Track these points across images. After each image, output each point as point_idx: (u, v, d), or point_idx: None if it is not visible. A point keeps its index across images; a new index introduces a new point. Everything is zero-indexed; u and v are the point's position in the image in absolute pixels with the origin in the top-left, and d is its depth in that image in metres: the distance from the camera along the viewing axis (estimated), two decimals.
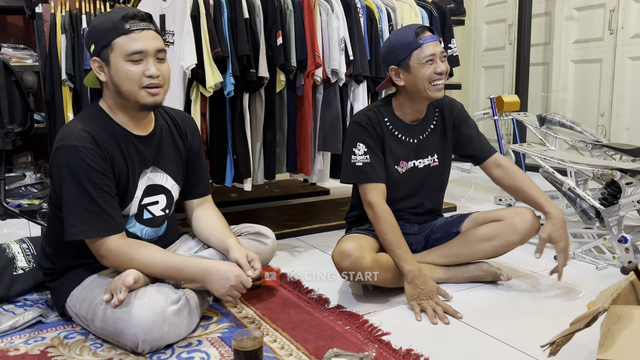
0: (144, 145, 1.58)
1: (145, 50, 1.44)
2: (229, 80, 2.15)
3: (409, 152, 1.90)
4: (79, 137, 1.45)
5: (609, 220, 2.08)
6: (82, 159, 1.43)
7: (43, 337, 1.52)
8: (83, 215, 1.43)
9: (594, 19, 4.15)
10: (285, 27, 2.25)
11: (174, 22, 2.15)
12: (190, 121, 1.76)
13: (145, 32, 1.45)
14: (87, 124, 1.49)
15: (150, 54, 1.46)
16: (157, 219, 1.64)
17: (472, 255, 1.87)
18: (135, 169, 1.56)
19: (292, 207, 3.25)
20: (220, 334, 1.52)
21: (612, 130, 4.08)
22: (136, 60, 1.45)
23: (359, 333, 1.52)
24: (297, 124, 2.43)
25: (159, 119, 1.65)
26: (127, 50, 1.43)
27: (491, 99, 4.21)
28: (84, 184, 1.43)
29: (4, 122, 2.30)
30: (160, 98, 1.51)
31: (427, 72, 1.76)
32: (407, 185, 1.92)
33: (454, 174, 4.38)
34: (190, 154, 1.72)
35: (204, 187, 1.78)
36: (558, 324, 1.58)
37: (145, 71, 1.45)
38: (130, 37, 1.43)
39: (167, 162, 1.64)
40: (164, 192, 1.64)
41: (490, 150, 1.95)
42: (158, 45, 1.47)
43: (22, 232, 2.67)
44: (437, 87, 1.79)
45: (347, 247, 1.70)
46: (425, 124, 1.92)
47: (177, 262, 1.50)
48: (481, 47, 5.14)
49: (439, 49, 1.77)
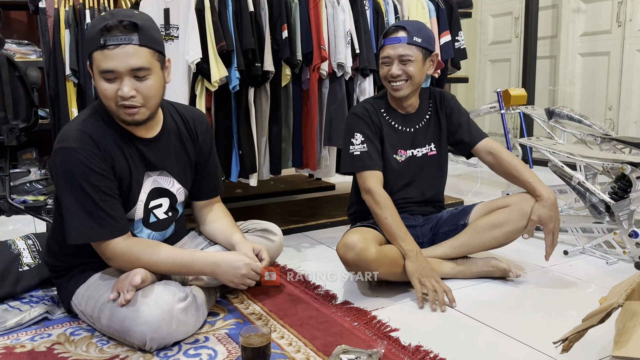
0: (148, 148, 1.52)
1: (115, 70, 1.33)
2: (234, 74, 2.14)
3: (406, 140, 1.95)
4: (77, 138, 1.40)
5: (619, 214, 2.05)
6: (81, 161, 1.38)
7: (49, 333, 1.51)
8: (85, 218, 1.40)
9: (601, 11, 4.10)
10: (290, 20, 2.23)
11: (178, 16, 2.13)
12: (202, 121, 1.68)
13: (121, 48, 1.32)
14: (87, 124, 1.44)
15: (124, 74, 1.34)
16: (161, 222, 1.61)
17: (484, 243, 1.86)
18: (139, 172, 1.52)
19: (298, 203, 3.23)
20: (227, 330, 1.51)
21: (620, 123, 4.04)
22: (109, 79, 1.35)
23: (367, 329, 1.51)
24: (302, 119, 2.41)
25: (168, 119, 1.58)
26: (100, 68, 1.34)
27: (498, 92, 4.18)
28: (84, 186, 1.38)
29: (9, 117, 2.29)
30: (141, 117, 1.41)
31: (383, 71, 1.88)
32: (406, 174, 1.96)
33: (460, 168, 4.36)
34: (201, 156, 1.67)
35: (215, 188, 1.75)
36: (568, 319, 1.57)
37: (118, 91, 1.35)
38: (103, 53, 1.33)
39: (175, 166, 1.60)
40: (168, 195, 1.60)
41: (478, 136, 1.95)
42: (134, 64, 1.34)
43: (27, 228, 2.67)
44: (394, 88, 1.86)
45: (351, 239, 1.70)
46: (420, 114, 1.98)
47: (184, 258, 1.49)
48: (487, 40, 5.10)
49: (398, 52, 1.82)
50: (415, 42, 1.83)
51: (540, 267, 2.01)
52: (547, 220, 1.78)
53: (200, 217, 1.75)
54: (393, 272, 1.75)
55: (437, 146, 1.99)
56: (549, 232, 1.80)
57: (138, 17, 1.37)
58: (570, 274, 1.93)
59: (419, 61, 1.84)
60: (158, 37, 1.42)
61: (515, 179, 1.87)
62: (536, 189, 1.81)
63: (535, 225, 1.80)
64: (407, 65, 1.83)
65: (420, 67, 1.85)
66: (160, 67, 1.42)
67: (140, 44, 1.35)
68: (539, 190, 1.81)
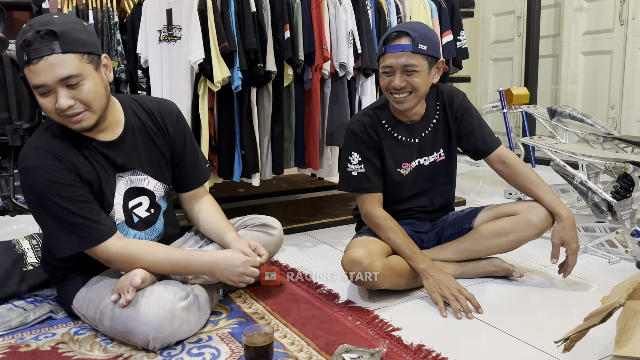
0: (112, 150, 1.48)
1: (45, 84, 1.28)
2: (236, 74, 2.14)
3: (410, 152, 1.86)
4: (35, 156, 1.37)
5: (621, 213, 2.05)
6: (45, 177, 1.36)
7: (53, 333, 1.52)
8: (71, 229, 1.39)
9: (604, 10, 4.09)
10: (292, 20, 2.24)
11: (181, 17, 2.14)
12: (170, 113, 1.61)
13: (44, 60, 1.25)
14: (43, 140, 1.40)
15: (54, 86, 1.29)
16: (145, 220, 1.59)
17: (487, 250, 1.84)
18: (109, 175, 1.49)
19: (300, 202, 3.24)
20: (230, 329, 1.52)
21: (623, 122, 4.04)
22: (44, 93, 1.30)
23: (369, 328, 1.51)
24: (305, 118, 2.42)
25: (130, 117, 1.53)
26: (31, 84, 1.29)
27: (500, 91, 4.18)
28: (56, 201, 1.36)
29: (12, 118, 2.30)
30: (89, 122, 1.37)
31: (384, 82, 1.72)
32: (414, 185, 1.89)
33: (462, 167, 4.36)
34: (175, 149, 1.62)
35: (198, 178, 1.70)
36: (570, 318, 1.57)
37: (55, 104, 1.30)
38: (30, 69, 1.27)
39: (146, 163, 1.56)
40: (146, 194, 1.58)
41: (493, 143, 1.84)
42: (61, 74, 1.27)
43: (30, 227, 2.68)
44: (396, 100, 1.73)
45: (356, 255, 1.65)
46: (426, 121, 1.86)
47: (181, 258, 1.50)
48: (490, 39, 5.10)
49: (402, 61, 1.66)
50: (421, 50, 1.66)
51: (542, 266, 2.01)
52: (570, 241, 1.72)
53: (189, 211, 1.73)
54: (399, 282, 1.73)
55: (446, 151, 1.90)
56: (572, 252, 1.73)
57: (56, 23, 1.29)
58: (573, 273, 1.92)
59: (424, 71, 1.69)
60: (84, 37, 1.33)
61: (532, 193, 1.80)
62: (555, 207, 1.75)
63: (559, 248, 1.74)
64: (412, 76, 1.67)
65: (426, 77, 1.71)
66: (94, 68, 1.35)
67: (63, 52, 1.27)
68: (557, 209, 1.74)
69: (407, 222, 1.93)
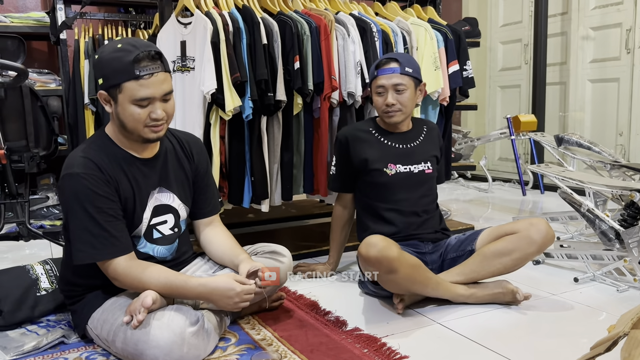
0: (148, 167, 1.62)
1: (152, 96, 1.48)
2: (247, 104, 2.20)
3: (399, 156, 2.05)
4: (81, 164, 1.50)
5: (629, 241, 2.06)
6: (85, 186, 1.47)
7: (65, 357, 1.54)
8: (90, 239, 1.47)
9: (610, 38, 4.14)
10: (302, 51, 2.30)
11: (194, 48, 2.20)
12: (196, 143, 1.80)
13: (154, 76, 1.47)
14: (89, 151, 1.54)
15: (158, 99, 1.49)
16: (167, 238, 1.68)
17: (492, 271, 1.87)
18: (142, 191, 1.60)
19: (309, 228, 3.26)
20: (238, 356, 1.53)
21: (631, 149, 4.04)
22: (143, 105, 1.48)
23: (377, 356, 1.52)
24: (314, 146, 2.46)
25: (165, 140, 1.69)
26: (136, 96, 1.46)
27: (508, 118, 4.21)
28: (88, 209, 1.47)
29: (30, 146, 2.37)
30: (163, 132, 1.56)
31: (379, 102, 2.02)
32: (401, 188, 2.03)
33: (471, 193, 4.37)
34: (197, 175, 1.76)
35: (212, 206, 1.82)
36: (578, 347, 1.56)
37: (151, 114, 1.49)
38: (139, 82, 1.45)
39: (174, 182, 1.69)
40: (172, 212, 1.68)
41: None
42: (166, 89, 1.50)
43: (43, 252, 2.72)
44: (389, 115, 2.01)
45: (372, 239, 1.74)
46: (416, 133, 2.12)
47: (179, 285, 1.53)
48: (497, 66, 5.15)
49: (392, 81, 1.96)
50: (408, 72, 1.97)
51: (550, 294, 2.01)
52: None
53: (203, 239, 1.80)
54: (413, 276, 1.76)
55: (432, 166, 2.10)
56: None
57: (156, 46, 1.53)
58: (581, 302, 1.93)
59: (411, 90, 1.99)
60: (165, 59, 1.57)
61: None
62: None
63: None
64: (401, 94, 1.97)
65: (412, 95, 2.00)
66: None
67: (165, 70, 1.50)
68: None
69: (410, 244, 1.98)
